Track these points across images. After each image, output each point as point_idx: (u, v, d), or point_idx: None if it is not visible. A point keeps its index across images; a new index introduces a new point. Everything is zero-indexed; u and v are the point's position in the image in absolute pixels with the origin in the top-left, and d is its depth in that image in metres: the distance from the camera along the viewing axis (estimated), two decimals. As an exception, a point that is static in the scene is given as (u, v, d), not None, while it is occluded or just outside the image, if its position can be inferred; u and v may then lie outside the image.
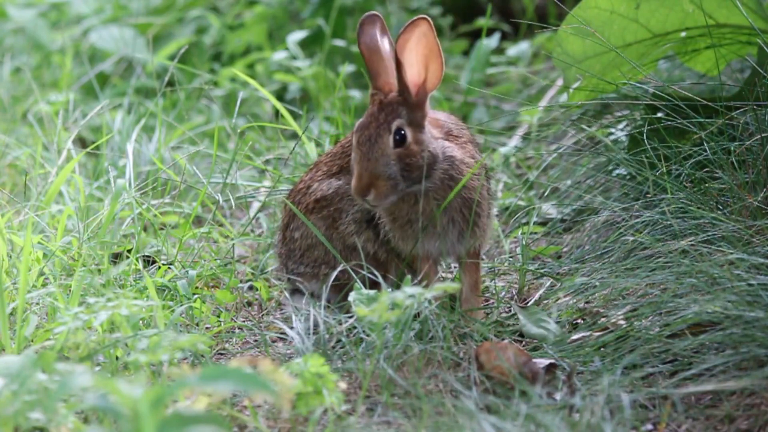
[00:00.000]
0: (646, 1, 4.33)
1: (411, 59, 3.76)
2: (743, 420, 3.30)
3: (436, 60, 3.77)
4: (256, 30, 6.51)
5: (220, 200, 4.51)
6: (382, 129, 3.75)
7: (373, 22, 3.85)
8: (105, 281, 3.93)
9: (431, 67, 3.78)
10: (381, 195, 3.72)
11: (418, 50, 3.76)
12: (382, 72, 3.81)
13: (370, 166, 3.72)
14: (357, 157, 3.74)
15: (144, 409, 2.67)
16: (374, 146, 3.73)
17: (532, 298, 4.09)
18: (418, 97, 3.78)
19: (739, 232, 3.77)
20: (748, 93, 4.17)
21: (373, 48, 3.82)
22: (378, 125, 3.75)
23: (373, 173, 3.72)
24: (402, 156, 3.74)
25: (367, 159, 3.73)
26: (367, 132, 3.75)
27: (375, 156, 3.73)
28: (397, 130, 3.75)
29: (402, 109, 3.77)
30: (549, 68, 6.12)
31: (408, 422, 3.30)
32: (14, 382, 3.08)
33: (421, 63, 3.77)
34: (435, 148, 3.80)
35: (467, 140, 3.94)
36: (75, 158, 4.52)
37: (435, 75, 3.79)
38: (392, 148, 3.74)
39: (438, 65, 3.77)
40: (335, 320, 3.71)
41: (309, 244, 3.99)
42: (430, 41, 3.75)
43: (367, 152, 3.73)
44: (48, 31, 7.01)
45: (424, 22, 3.73)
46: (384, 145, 3.73)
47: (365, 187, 3.72)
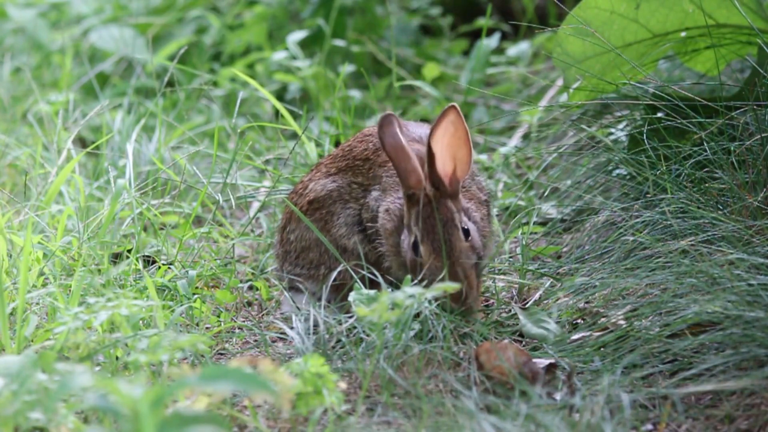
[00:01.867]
0: (646, 1, 4.33)
1: (441, 151, 3.74)
2: (743, 420, 3.30)
3: (464, 148, 3.75)
4: (256, 30, 6.51)
5: (220, 200, 4.51)
6: (450, 226, 3.74)
7: (390, 123, 3.79)
8: (105, 281, 3.93)
9: (459, 155, 3.76)
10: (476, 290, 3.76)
11: (445, 140, 3.73)
12: (411, 171, 3.75)
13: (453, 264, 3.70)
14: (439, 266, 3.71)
15: (144, 409, 2.67)
16: (451, 247, 3.72)
17: (532, 298, 4.09)
18: (452, 187, 3.77)
19: (739, 232, 3.77)
20: (748, 93, 4.17)
21: (398, 148, 3.77)
22: (444, 224, 3.73)
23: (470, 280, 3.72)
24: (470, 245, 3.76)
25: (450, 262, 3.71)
26: (437, 237, 3.72)
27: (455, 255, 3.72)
28: (461, 226, 3.75)
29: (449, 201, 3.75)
30: (549, 68, 6.12)
31: (408, 422, 3.30)
32: (14, 382, 3.08)
33: (449, 153, 3.75)
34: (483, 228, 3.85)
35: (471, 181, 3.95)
36: (75, 158, 4.52)
37: (464, 162, 3.77)
38: (464, 241, 3.75)
39: (466, 152, 3.76)
40: (335, 320, 3.71)
41: (304, 246, 4.00)
42: (459, 129, 3.73)
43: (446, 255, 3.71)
44: (48, 31, 7.01)
45: (453, 112, 3.71)
46: (458, 241, 3.73)
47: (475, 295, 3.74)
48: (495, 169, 5.09)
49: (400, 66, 6.33)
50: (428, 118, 5.95)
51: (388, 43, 6.42)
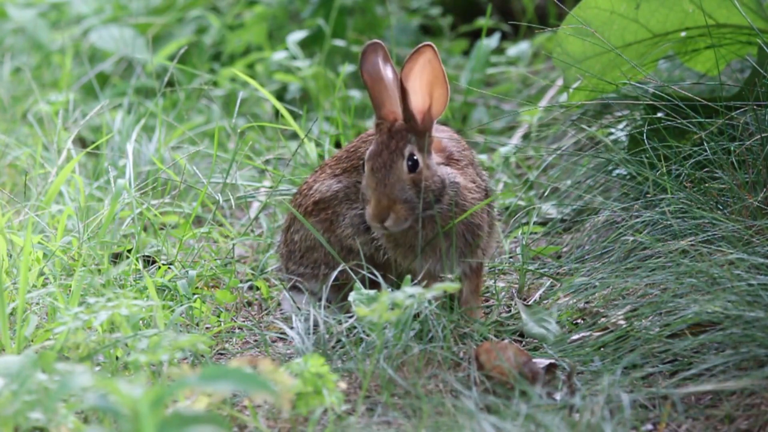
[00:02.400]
0: (646, 1, 4.33)
1: (416, 87, 3.76)
2: (743, 420, 3.30)
3: (441, 87, 3.78)
4: (256, 30, 6.51)
5: (220, 200, 4.51)
6: (395, 155, 3.76)
7: (375, 51, 3.84)
8: (105, 281, 3.93)
9: (436, 93, 3.78)
10: (399, 219, 3.74)
11: (423, 77, 3.76)
12: (386, 101, 3.81)
13: (388, 191, 3.74)
14: (372, 184, 3.76)
15: (144, 409, 2.67)
16: (390, 172, 3.75)
17: (532, 298, 4.09)
18: (423, 124, 3.80)
19: (739, 232, 3.77)
20: (748, 93, 4.17)
21: (376, 76, 3.82)
22: (391, 152, 3.77)
23: (391, 198, 3.74)
24: (416, 181, 3.76)
25: (383, 185, 3.74)
26: (380, 159, 3.76)
27: (391, 181, 3.74)
28: (409, 156, 3.76)
29: (411, 135, 3.78)
30: (549, 68, 6.12)
31: (408, 422, 3.30)
32: (14, 382, 3.08)
33: (426, 90, 3.78)
34: (441, 173, 3.82)
35: (467, 162, 3.95)
36: (75, 158, 4.52)
37: (440, 101, 3.79)
38: (407, 173, 3.76)
39: (443, 91, 3.78)
40: (335, 320, 3.71)
41: (308, 246, 4.00)
42: (435, 68, 3.76)
43: (383, 178, 3.75)
44: (48, 31, 7.01)
45: (429, 50, 3.74)
46: (399, 170, 3.75)
47: (384, 211, 3.74)
48: (495, 169, 5.09)
49: (400, 66, 6.32)
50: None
51: (388, 43, 6.42)
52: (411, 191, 3.76)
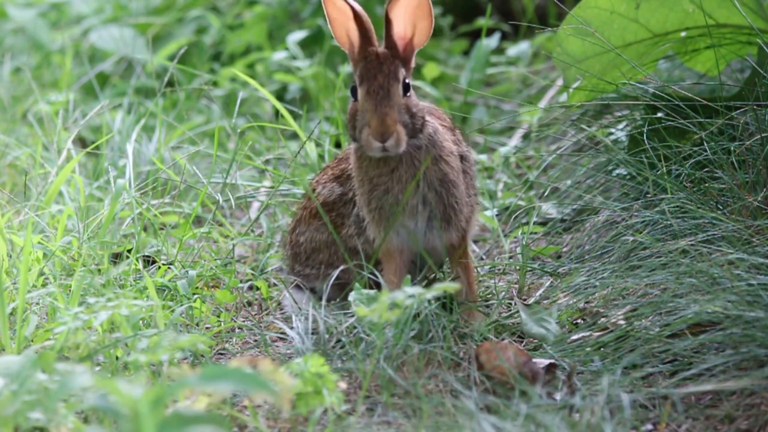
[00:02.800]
0: (646, 1, 4.33)
1: (399, 15, 3.79)
2: (743, 420, 3.30)
3: (426, 19, 3.81)
4: (256, 30, 6.51)
5: (220, 200, 4.51)
6: (390, 78, 3.77)
7: None
8: (105, 281, 3.93)
9: (420, 25, 3.81)
10: (400, 141, 3.73)
11: (408, 9, 3.79)
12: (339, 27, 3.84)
13: (389, 111, 3.73)
14: (371, 106, 3.74)
15: (144, 409, 2.67)
16: (389, 93, 3.75)
17: (532, 298, 4.09)
18: (405, 53, 3.83)
19: (739, 232, 3.77)
20: (748, 93, 4.17)
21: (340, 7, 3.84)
22: (385, 75, 3.77)
23: (393, 119, 3.73)
24: (408, 105, 3.78)
25: (384, 105, 3.73)
26: (377, 81, 3.76)
27: (392, 103, 3.74)
28: (403, 79, 3.79)
29: (397, 61, 3.81)
30: (549, 68, 6.12)
31: (408, 422, 3.30)
32: (14, 382, 3.08)
33: (410, 20, 3.80)
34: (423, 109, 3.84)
35: (448, 126, 3.95)
36: (75, 158, 4.52)
37: (423, 32, 3.83)
38: (402, 97, 3.78)
39: (427, 24, 3.81)
40: (335, 320, 3.71)
41: (314, 248, 4.01)
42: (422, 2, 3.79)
43: (383, 99, 3.74)
44: (48, 31, 7.01)
45: None
46: (396, 93, 3.76)
47: (388, 129, 3.72)
48: (495, 169, 5.09)
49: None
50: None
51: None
52: (406, 115, 3.76)
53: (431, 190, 3.83)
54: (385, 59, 3.79)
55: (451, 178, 3.84)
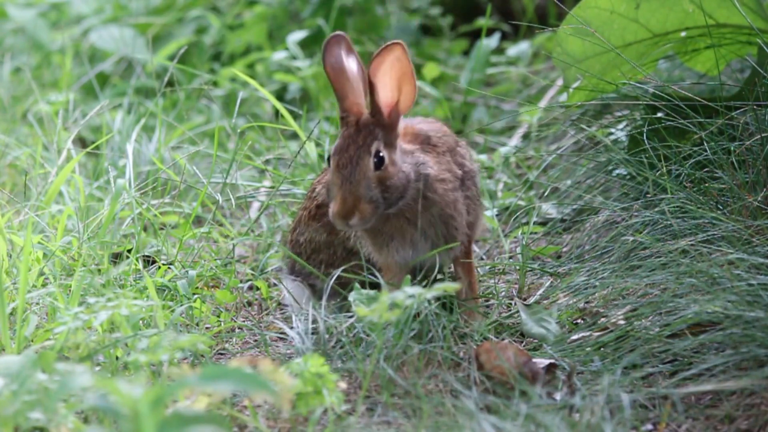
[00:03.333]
0: (646, 1, 4.33)
1: (385, 81, 3.74)
2: (743, 420, 3.30)
3: (409, 82, 3.75)
4: (256, 30, 6.51)
5: (220, 200, 4.51)
6: (362, 151, 3.72)
7: (338, 43, 3.81)
8: (105, 281, 3.93)
9: (404, 89, 3.75)
10: (364, 218, 3.70)
11: (392, 73, 3.73)
12: (349, 93, 3.78)
13: (353, 188, 3.69)
14: (338, 181, 3.71)
15: (144, 409, 2.67)
16: (356, 169, 3.70)
17: (532, 298, 4.09)
18: (390, 118, 3.76)
19: (739, 232, 3.77)
20: (748, 93, 4.17)
21: (338, 69, 3.79)
22: (357, 147, 3.72)
23: (356, 196, 3.69)
24: (381, 179, 3.72)
25: (349, 182, 3.70)
26: (347, 155, 3.72)
27: (357, 179, 3.70)
28: (376, 153, 3.73)
29: (378, 130, 3.75)
30: (549, 68, 6.12)
31: (408, 422, 3.30)
32: (14, 382, 3.08)
33: (395, 85, 3.75)
34: (408, 166, 3.78)
35: (446, 149, 3.92)
36: (75, 158, 4.52)
37: (408, 97, 3.77)
38: (373, 171, 3.72)
39: (411, 87, 3.75)
40: (335, 320, 3.71)
41: (314, 248, 4.01)
42: (404, 65, 3.73)
43: (349, 175, 3.70)
44: (48, 31, 7.01)
45: (399, 48, 3.71)
46: (365, 167, 3.71)
47: (349, 210, 3.69)
48: (495, 169, 5.09)
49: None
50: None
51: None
52: (376, 189, 3.72)
53: (430, 227, 3.83)
54: (363, 128, 3.75)
55: (448, 212, 3.83)
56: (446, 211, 3.83)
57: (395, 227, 3.81)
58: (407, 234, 3.82)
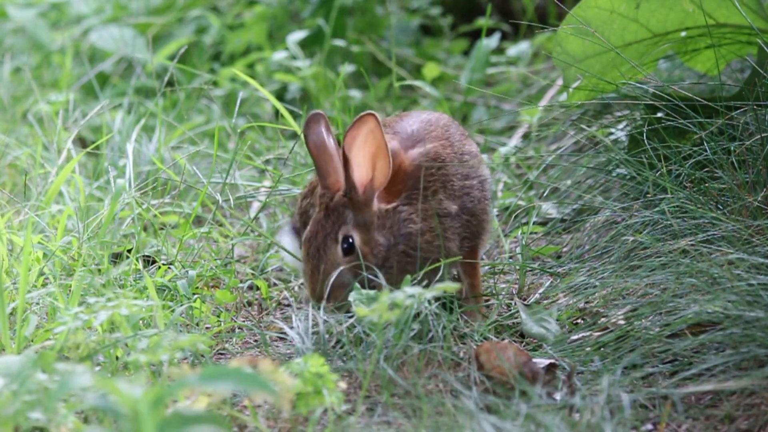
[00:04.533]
0: (646, 1, 4.33)
1: (359, 158, 3.71)
2: (743, 420, 3.30)
3: (384, 158, 3.72)
4: (256, 30, 6.51)
5: (220, 200, 4.51)
6: (329, 239, 3.73)
7: (318, 121, 3.79)
8: (105, 281, 3.93)
9: (378, 165, 3.73)
10: (337, 301, 3.72)
11: (366, 149, 3.71)
12: (331, 171, 3.77)
13: (322, 278, 3.71)
14: (308, 270, 3.74)
15: (144, 409, 2.67)
16: (324, 258, 3.72)
17: (532, 298, 4.09)
18: (365, 195, 3.74)
19: (739, 232, 3.77)
20: (748, 93, 4.17)
21: (321, 146, 3.77)
22: (325, 235, 3.73)
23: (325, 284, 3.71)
24: (352, 261, 3.73)
25: (318, 271, 3.72)
26: (315, 243, 3.73)
27: (326, 269, 3.71)
28: (344, 239, 3.73)
29: (348, 212, 3.74)
30: (549, 68, 6.12)
31: (408, 422, 3.30)
32: (14, 382, 3.08)
33: (369, 162, 3.72)
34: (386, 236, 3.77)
35: (438, 187, 3.86)
36: (75, 158, 4.52)
37: (382, 173, 3.73)
38: (342, 257, 3.73)
39: (385, 163, 3.72)
40: (335, 320, 3.71)
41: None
42: (377, 138, 3.70)
43: (317, 265, 3.72)
44: (48, 31, 7.01)
45: (372, 119, 3.68)
46: (333, 255, 3.72)
47: (319, 299, 3.71)
48: (495, 169, 5.09)
49: (400, 66, 6.33)
50: (428, 118, 5.95)
51: (388, 43, 6.42)
52: (348, 274, 3.72)
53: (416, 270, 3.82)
54: (332, 212, 3.74)
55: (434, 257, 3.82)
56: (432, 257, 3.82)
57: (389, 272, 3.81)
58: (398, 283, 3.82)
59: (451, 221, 3.86)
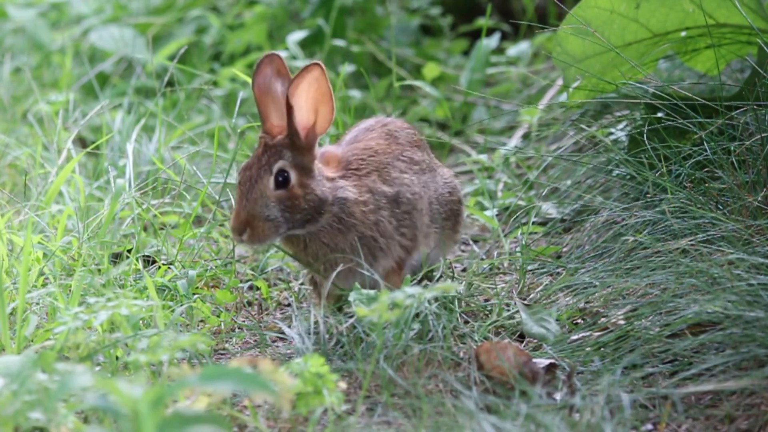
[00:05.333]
0: (646, 1, 4.33)
1: (301, 103, 3.74)
2: (743, 420, 3.30)
3: (327, 104, 3.76)
4: (256, 30, 6.51)
5: (220, 200, 4.51)
6: (263, 170, 3.74)
7: (270, 63, 3.82)
8: (105, 281, 3.93)
9: (321, 110, 3.76)
10: (257, 236, 3.73)
11: (309, 94, 3.74)
12: (271, 114, 3.80)
13: (248, 206, 3.72)
14: (237, 197, 3.76)
15: (144, 409, 2.67)
16: (254, 187, 3.73)
17: (532, 298, 4.09)
18: (307, 140, 3.77)
19: (739, 232, 3.77)
20: (748, 93, 4.17)
21: (264, 89, 3.80)
22: (260, 166, 3.75)
23: (250, 213, 3.72)
24: (283, 198, 3.74)
25: (245, 199, 3.73)
26: (248, 173, 3.75)
27: (254, 197, 3.72)
28: (279, 172, 3.75)
29: (287, 151, 3.76)
30: (549, 68, 6.12)
31: (408, 422, 3.30)
32: (14, 382, 3.08)
33: (312, 107, 3.76)
34: (325, 190, 3.79)
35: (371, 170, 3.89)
36: (75, 158, 4.52)
37: (325, 119, 3.77)
38: (272, 190, 3.74)
39: (329, 109, 3.76)
40: (335, 320, 3.71)
41: None
42: (322, 86, 3.74)
43: (246, 192, 3.73)
44: (48, 31, 7.01)
45: (317, 68, 3.72)
46: (263, 186, 3.73)
47: (242, 225, 3.72)
48: (495, 169, 5.09)
49: (400, 66, 6.33)
50: (428, 118, 5.96)
51: (388, 43, 6.42)
52: (275, 208, 3.73)
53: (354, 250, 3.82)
54: (270, 148, 3.77)
55: (369, 233, 3.82)
56: (366, 233, 3.83)
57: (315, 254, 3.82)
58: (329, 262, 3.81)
59: (387, 203, 3.86)
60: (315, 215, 3.77)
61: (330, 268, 3.84)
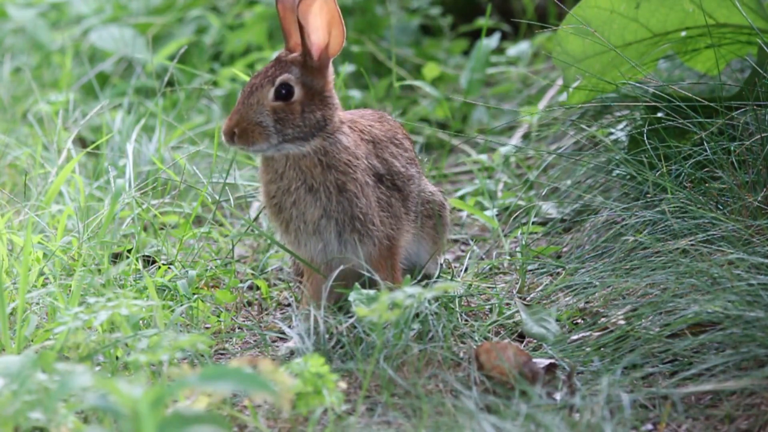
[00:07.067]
0: (646, 1, 4.33)
1: (315, 23, 3.79)
2: (743, 420, 3.30)
3: (338, 26, 3.80)
4: (256, 30, 6.52)
5: (219, 200, 4.51)
6: (266, 80, 3.80)
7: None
8: (105, 281, 3.93)
9: (333, 32, 3.81)
10: (245, 139, 3.77)
11: (322, 16, 3.79)
12: (294, 33, 3.85)
13: (243, 110, 3.78)
14: (237, 102, 3.82)
15: (144, 409, 2.67)
16: (253, 94, 3.79)
17: (532, 298, 4.09)
18: (320, 60, 3.82)
19: (739, 232, 3.77)
20: (748, 93, 4.17)
21: (288, 6, 3.86)
22: (265, 76, 3.81)
23: (243, 117, 3.77)
24: (279, 110, 3.78)
25: (242, 103, 3.79)
26: (253, 80, 3.82)
27: (251, 102, 3.78)
28: (282, 84, 3.79)
29: (296, 68, 3.82)
30: (549, 68, 6.12)
31: (408, 422, 3.30)
32: (14, 382, 3.08)
33: (325, 28, 3.81)
34: (326, 119, 3.81)
35: (371, 138, 3.92)
36: (75, 158, 4.52)
37: (337, 40, 3.82)
38: (271, 100, 3.79)
39: (340, 31, 3.81)
40: (335, 320, 3.71)
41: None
42: (331, 8, 3.79)
43: (245, 98, 3.79)
44: (48, 31, 7.01)
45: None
46: (262, 95, 3.79)
47: (232, 127, 3.77)
48: (495, 169, 5.09)
49: (400, 66, 6.33)
50: (428, 118, 5.96)
51: (388, 43, 6.42)
52: (269, 117, 3.78)
53: (331, 201, 3.82)
54: (279, 62, 3.83)
55: (350, 188, 3.82)
56: (347, 185, 3.83)
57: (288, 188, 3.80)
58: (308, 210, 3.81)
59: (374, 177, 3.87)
60: (307, 135, 3.79)
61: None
